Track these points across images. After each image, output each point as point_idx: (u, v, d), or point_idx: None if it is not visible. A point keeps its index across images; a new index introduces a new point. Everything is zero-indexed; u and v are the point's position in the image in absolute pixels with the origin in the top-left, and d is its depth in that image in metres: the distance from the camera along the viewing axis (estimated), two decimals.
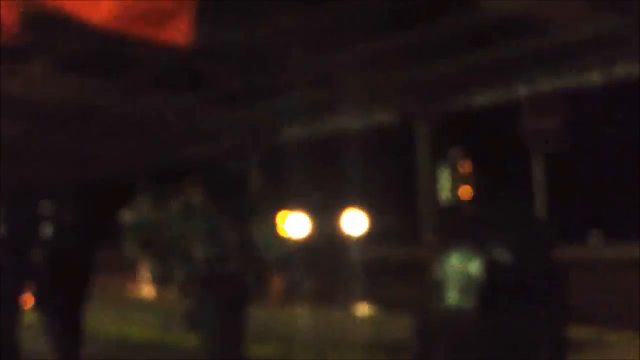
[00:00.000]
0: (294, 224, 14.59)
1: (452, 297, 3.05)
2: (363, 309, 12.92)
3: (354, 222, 13.53)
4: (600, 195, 21.86)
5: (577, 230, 11.58)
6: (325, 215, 16.29)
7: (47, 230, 5.88)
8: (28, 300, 5.97)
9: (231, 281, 4.74)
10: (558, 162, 9.12)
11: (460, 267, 3.04)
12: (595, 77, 16.72)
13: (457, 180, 3.16)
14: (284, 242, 12.47)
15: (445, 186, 3.20)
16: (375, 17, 13.47)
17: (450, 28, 13.63)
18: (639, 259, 13.66)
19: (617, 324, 8.89)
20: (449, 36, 13.99)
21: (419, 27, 13.67)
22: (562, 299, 3.01)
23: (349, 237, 15.65)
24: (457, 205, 3.17)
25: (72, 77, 16.99)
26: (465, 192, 3.14)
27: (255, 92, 19.07)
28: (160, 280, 16.48)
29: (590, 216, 20.11)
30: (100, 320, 11.39)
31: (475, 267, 3.01)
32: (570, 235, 10.29)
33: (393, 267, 15.14)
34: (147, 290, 17.92)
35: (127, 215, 18.37)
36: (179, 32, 4.14)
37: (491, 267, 3.00)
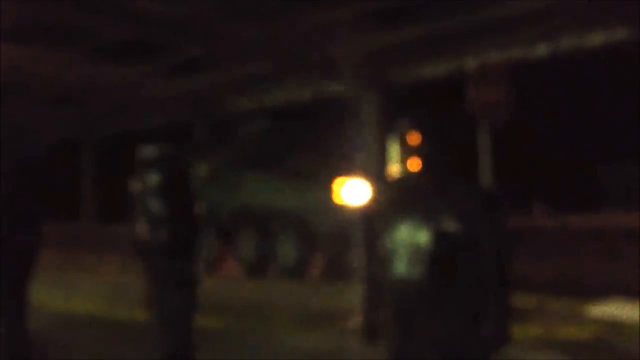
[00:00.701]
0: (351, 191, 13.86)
1: (401, 267, 3.04)
2: None
3: (355, 191, 13.03)
4: (543, 168, 22.36)
5: (522, 201, 11.77)
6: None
7: None
8: None
9: (169, 257, 4.68)
10: (503, 133, 9.20)
11: (409, 237, 3.02)
12: (540, 50, 16.97)
13: (405, 151, 3.12)
14: (338, 210, 12.36)
15: (393, 158, 3.16)
16: None
17: (398, 1, 13.67)
18: (581, 229, 14.00)
19: (559, 291, 9.12)
20: (397, 9, 14.02)
21: (366, 2, 13.68)
22: (506, 268, 3.03)
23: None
24: (404, 176, 3.14)
25: (14, 48, 16.49)
26: (413, 163, 3.10)
27: (200, 63, 18.90)
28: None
29: (533, 187, 20.52)
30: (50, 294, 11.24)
31: (423, 237, 3.01)
32: (515, 205, 10.47)
33: None
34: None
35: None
36: None
37: (438, 237, 3.00)
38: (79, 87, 21.12)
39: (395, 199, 3.25)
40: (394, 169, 3.22)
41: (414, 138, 3.17)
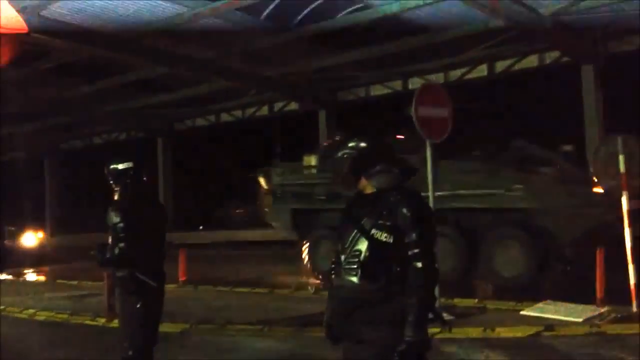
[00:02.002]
0: None
1: (343, 274, 3.11)
2: None
3: None
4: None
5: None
6: None
7: None
8: None
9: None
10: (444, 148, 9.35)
11: (349, 246, 3.09)
12: (479, 72, 17.32)
13: (339, 165, 3.21)
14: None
15: (332, 171, 3.25)
16: (271, 13, 13.47)
17: (347, 25, 13.84)
18: None
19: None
20: (345, 32, 14.19)
21: (319, 24, 13.84)
22: (432, 274, 3.08)
23: None
24: (343, 187, 3.24)
25: None
26: (346, 176, 3.20)
27: (158, 83, 18.75)
28: None
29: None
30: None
31: (360, 246, 3.06)
32: None
33: None
34: None
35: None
36: None
37: (372, 246, 3.06)
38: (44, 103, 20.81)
39: (346, 210, 3.31)
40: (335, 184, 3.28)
41: (348, 153, 3.25)
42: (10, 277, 16.38)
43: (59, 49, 15.18)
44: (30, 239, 23.11)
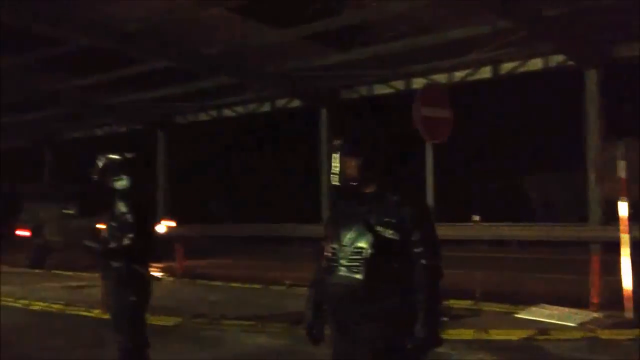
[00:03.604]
0: None
1: (342, 271, 3.12)
2: None
3: None
4: (480, 181, 22.75)
5: (461, 212, 11.97)
6: None
7: None
8: None
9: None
10: (445, 149, 9.39)
11: (350, 243, 3.10)
12: (483, 74, 17.32)
13: (345, 162, 3.21)
14: None
15: (334, 168, 3.24)
16: (276, 10, 13.49)
17: (351, 23, 13.84)
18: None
19: (492, 297, 9.31)
20: (349, 30, 14.19)
21: (322, 21, 13.84)
22: (436, 273, 3.11)
23: None
24: (345, 185, 3.25)
25: None
26: (352, 174, 3.20)
27: (163, 76, 18.78)
28: None
29: (471, 199, 20.85)
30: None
31: (362, 243, 3.10)
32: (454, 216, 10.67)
33: None
34: None
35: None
36: None
37: (376, 243, 3.09)
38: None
39: (339, 208, 3.33)
40: (336, 179, 3.29)
41: (355, 150, 3.26)
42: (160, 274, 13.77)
43: (62, 39, 15.19)
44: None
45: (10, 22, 13.27)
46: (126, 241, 4.60)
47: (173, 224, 17.36)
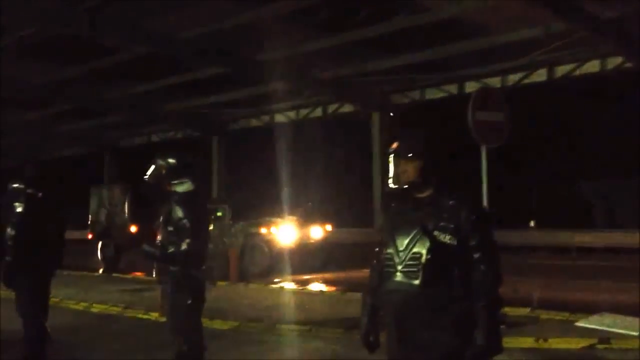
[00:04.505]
0: None
1: (399, 276, 3.09)
2: None
3: None
4: (536, 187, 22.26)
5: (518, 218, 11.80)
6: None
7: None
8: None
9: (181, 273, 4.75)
10: (501, 154, 9.25)
11: (407, 248, 3.07)
12: (538, 77, 17.00)
13: (402, 166, 3.18)
14: None
15: (391, 172, 3.21)
16: (327, 16, 13.56)
17: (402, 27, 13.80)
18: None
19: (550, 304, 9.11)
20: (401, 34, 14.15)
21: (374, 26, 13.82)
22: (496, 280, 3.06)
23: None
24: (401, 189, 3.24)
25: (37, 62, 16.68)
26: (410, 177, 3.17)
27: (211, 83, 19.03)
28: None
29: (527, 206, 20.46)
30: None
31: (420, 248, 3.07)
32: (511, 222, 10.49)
33: None
34: None
35: None
36: None
37: (435, 248, 3.03)
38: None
39: (394, 212, 3.30)
40: (392, 183, 3.26)
41: (411, 154, 3.23)
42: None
43: (116, 47, 15.59)
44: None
45: (82, 32, 13.64)
46: (184, 246, 4.62)
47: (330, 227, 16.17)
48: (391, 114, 19.35)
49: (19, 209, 5.73)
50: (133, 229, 19.23)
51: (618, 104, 18.38)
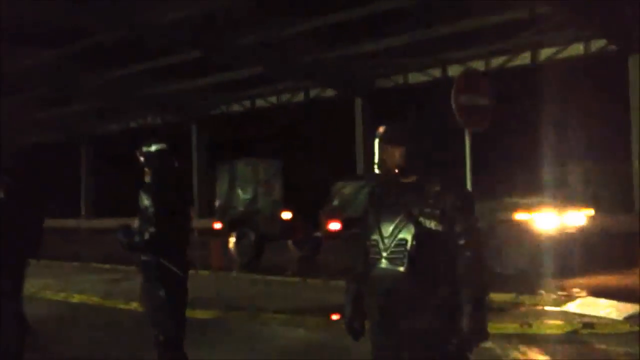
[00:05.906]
0: None
1: (384, 263, 3.08)
2: None
3: None
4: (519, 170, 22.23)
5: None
6: None
7: None
8: None
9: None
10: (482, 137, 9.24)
11: (392, 235, 3.06)
12: (522, 60, 17.02)
13: (385, 150, 3.16)
14: None
15: (376, 157, 3.19)
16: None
17: (385, 10, 13.76)
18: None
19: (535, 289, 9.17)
20: (383, 17, 14.11)
21: (354, 9, 13.76)
22: (481, 265, 3.06)
23: None
24: (386, 174, 3.21)
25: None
26: (394, 162, 3.15)
27: (193, 67, 18.91)
28: None
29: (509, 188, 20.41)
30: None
31: (405, 234, 3.07)
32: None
33: None
34: None
35: None
36: None
37: (419, 235, 3.04)
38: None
39: (379, 197, 3.28)
40: (377, 168, 3.24)
41: (394, 139, 3.20)
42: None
43: (93, 31, 15.41)
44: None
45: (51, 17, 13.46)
46: (146, 235, 4.57)
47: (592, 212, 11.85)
48: None
49: None
50: (286, 215, 15.16)
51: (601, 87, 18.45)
